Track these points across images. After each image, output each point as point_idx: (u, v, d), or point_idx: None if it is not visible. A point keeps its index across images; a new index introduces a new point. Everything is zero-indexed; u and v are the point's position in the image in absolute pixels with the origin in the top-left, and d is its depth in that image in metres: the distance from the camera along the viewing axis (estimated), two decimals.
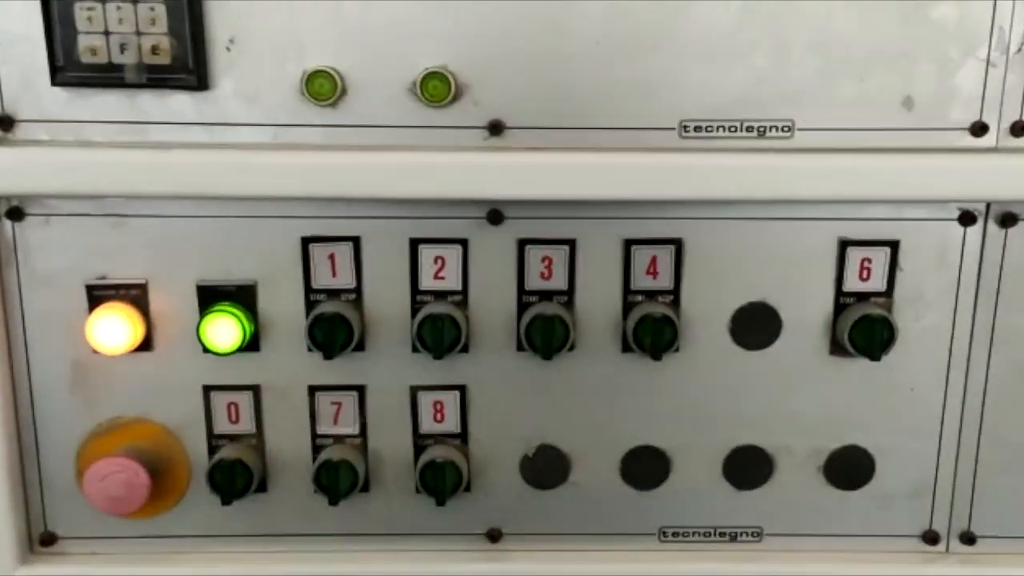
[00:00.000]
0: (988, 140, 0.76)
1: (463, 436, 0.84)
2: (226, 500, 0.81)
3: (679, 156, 0.76)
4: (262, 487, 0.84)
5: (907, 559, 0.86)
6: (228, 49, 0.74)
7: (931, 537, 0.86)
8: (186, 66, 0.73)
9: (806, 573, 0.86)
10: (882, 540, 0.86)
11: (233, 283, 0.80)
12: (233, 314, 0.79)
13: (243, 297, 0.80)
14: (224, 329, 0.79)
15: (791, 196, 0.77)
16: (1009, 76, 0.75)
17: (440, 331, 0.78)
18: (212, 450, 0.84)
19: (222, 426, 0.83)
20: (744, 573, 0.86)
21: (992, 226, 0.79)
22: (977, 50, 0.74)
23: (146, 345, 0.81)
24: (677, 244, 0.80)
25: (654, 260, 0.80)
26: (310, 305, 0.80)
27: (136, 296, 0.80)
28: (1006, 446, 0.84)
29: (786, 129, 0.76)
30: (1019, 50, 0.74)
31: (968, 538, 0.86)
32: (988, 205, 0.79)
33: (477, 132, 0.76)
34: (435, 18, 0.73)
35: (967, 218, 0.79)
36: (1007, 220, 0.78)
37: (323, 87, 0.74)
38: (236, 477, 0.81)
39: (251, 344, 0.81)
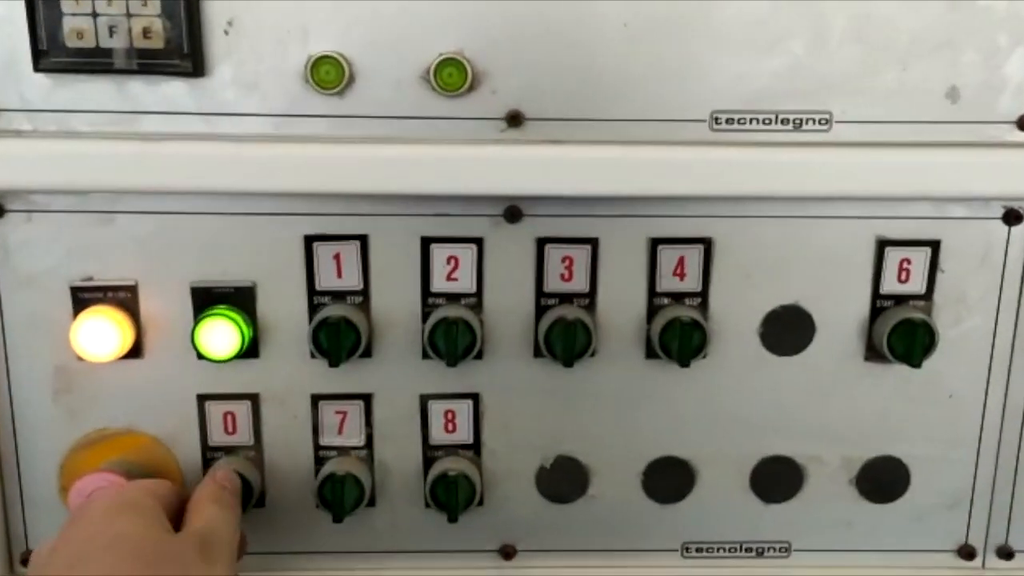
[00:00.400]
0: None
1: (476, 447, 0.79)
2: None
3: (710, 150, 0.71)
4: (260, 502, 0.79)
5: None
6: (226, 32, 0.69)
7: (967, 552, 0.82)
8: (180, 51, 0.68)
9: None
10: (916, 556, 0.82)
11: (230, 284, 0.75)
12: (230, 318, 0.73)
13: (241, 300, 0.75)
14: (220, 334, 0.73)
15: (828, 193, 0.73)
16: None
17: (453, 336, 0.73)
18: (207, 463, 0.78)
19: (217, 437, 0.78)
20: None
21: None
22: None
23: (136, 351, 0.75)
24: (706, 244, 0.75)
25: (681, 260, 0.75)
26: (313, 308, 0.75)
27: (125, 299, 0.74)
28: None
29: (823, 121, 0.71)
30: None
31: (1006, 553, 0.82)
32: None
33: (495, 123, 0.71)
34: (451, 1, 0.68)
35: (1012, 216, 0.75)
36: None
37: (329, 74, 0.69)
38: None
39: (249, 350, 0.75)
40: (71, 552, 0.62)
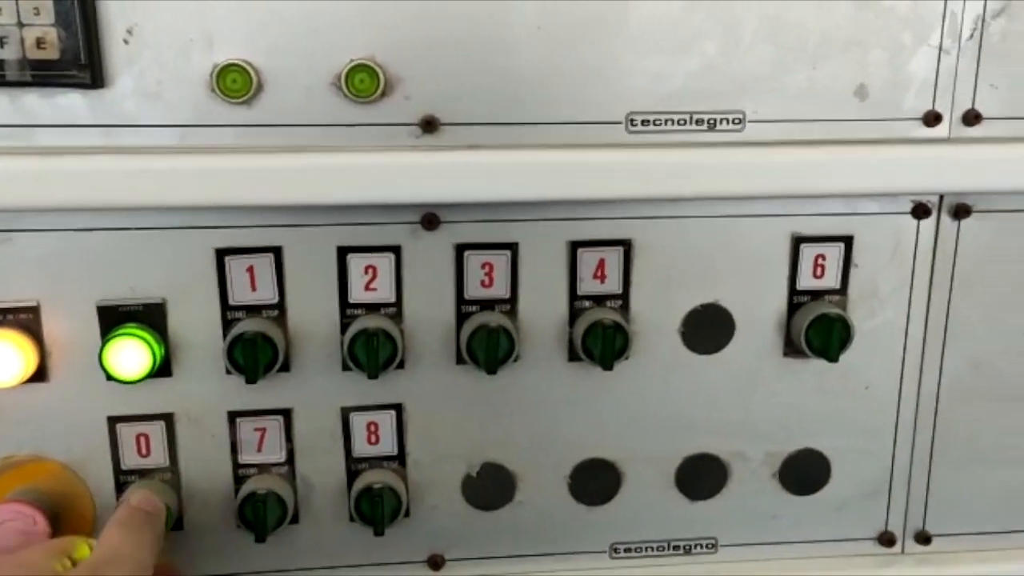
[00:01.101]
0: (941, 130, 0.73)
1: (400, 458, 0.78)
2: None
3: (627, 152, 0.71)
4: (178, 525, 0.76)
5: (863, 563, 0.84)
6: (126, 41, 0.66)
7: (887, 539, 0.84)
8: (77, 61, 0.65)
9: None
10: (838, 545, 0.84)
11: (139, 302, 0.72)
12: (140, 336, 0.71)
13: (151, 317, 0.72)
14: (130, 354, 0.70)
15: (743, 192, 0.73)
16: (961, 63, 0.72)
17: (374, 347, 0.72)
18: (120, 488, 0.75)
19: (131, 461, 0.75)
20: None
21: (945, 218, 0.76)
22: (930, 37, 0.71)
23: (40, 375, 0.72)
24: (626, 245, 0.75)
25: (602, 263, 0.75)
26: (228, 324, 0.73)
27: (26, 321, 0.71)
28: (960, 442, 0.82)
29: (737, 121, 0.72)
30: (971, 36, 0.72)
31: (923, 538, 0.84)
32: (941, 197, 0.76)
33: (409, 129, 0.69)
34: (361, 4, 0.67)
35: (921, 211, 0.76)
36: (960, 212, 0.76)
37: (236, 82, 0.67)
38: None
39: (162, 369, 0.73)
40: None
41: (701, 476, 0.81)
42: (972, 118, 0.73)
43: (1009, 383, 0.80)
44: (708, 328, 0.77)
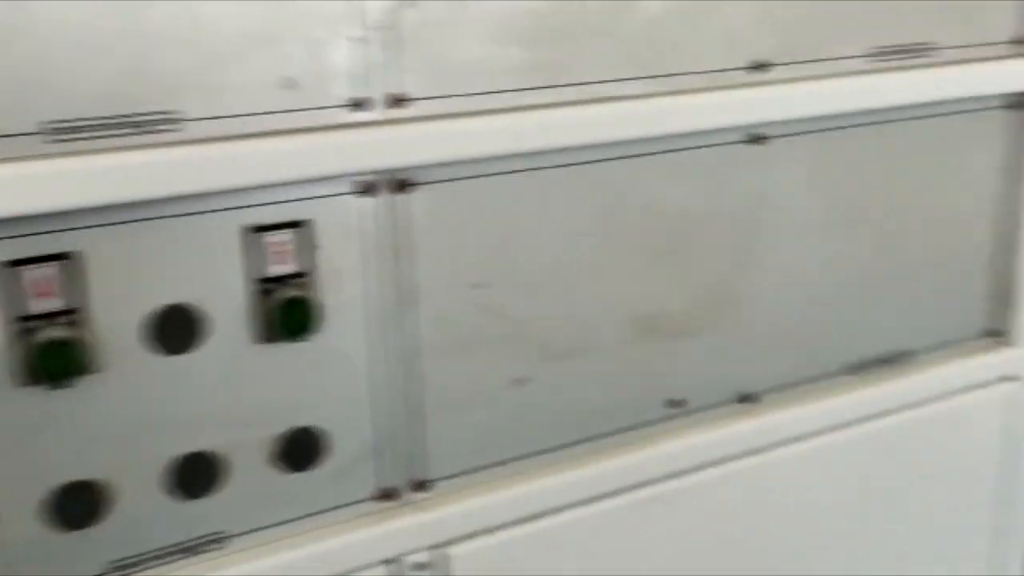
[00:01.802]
0: (370, 114, 0.79)
1: None
2: None
3: (50, 163, 0.68)
4: None
5: (368, 521, 0.88)
6: None
7: (386, 494, 0.89)
8: None
9: (274, 564, 0.84)
10: (343, 510, 0.88)
11: None
12: None
13: None
14: None
15: (187, 191, 0.73)
16: (379, 51, 0.78)
17: None
18: None
19: None
20: None
21: (390, 194, 0.82)
22: (345, 28, 0.76)
23: None
24: (75, 258, 0.72)
25: (46, 279, 0.71)
26: None
27: None
28: (440, 392, 0.88)
29: (173, 121, 0.72)
30: (386, 26, 0.77)
31: (420, 485, 0.91)
32: (382, 174, 0.82)
33: None
34: None
35: (367, 189, 0.81)
36: (401, 187, 0.82)
37: None
38: None
39: None
40: None
41: (198, 474, 0.81)
42: (396, 100, 0.79)
43: (469, 332, 0.89)
44: (177, 328, 0.77)
